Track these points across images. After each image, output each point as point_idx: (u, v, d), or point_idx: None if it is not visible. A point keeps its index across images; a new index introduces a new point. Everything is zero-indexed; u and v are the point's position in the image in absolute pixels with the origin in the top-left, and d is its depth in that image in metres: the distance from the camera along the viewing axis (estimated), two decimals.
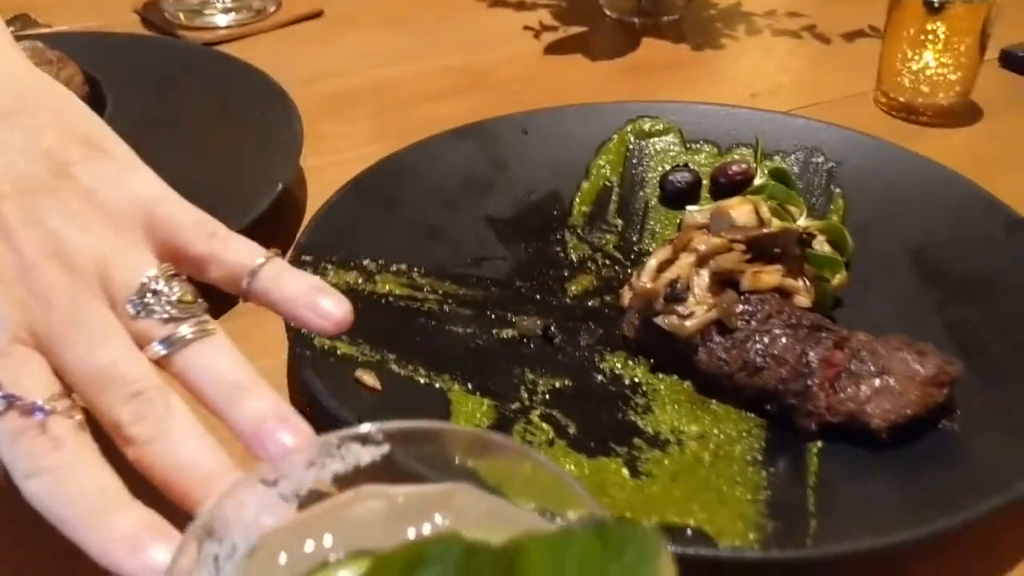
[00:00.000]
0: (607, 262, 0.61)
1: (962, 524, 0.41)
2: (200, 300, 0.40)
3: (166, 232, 0.41)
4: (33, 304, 0.38)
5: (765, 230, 0.54)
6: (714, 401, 0.50)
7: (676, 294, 0.51)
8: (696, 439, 0.48)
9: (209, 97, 0.74)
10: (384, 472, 0.33)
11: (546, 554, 0.25)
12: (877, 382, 0.47)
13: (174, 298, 0.39)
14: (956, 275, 0.58)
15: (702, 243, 0.53)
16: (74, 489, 0.35)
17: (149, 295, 0.39)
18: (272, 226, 0.64)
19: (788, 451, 0.47)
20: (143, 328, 0.39)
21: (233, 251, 0.41)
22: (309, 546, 0.31)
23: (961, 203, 0.62)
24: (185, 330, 0.39)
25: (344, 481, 0.33)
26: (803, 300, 0.53)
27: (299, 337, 0.51)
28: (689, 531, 0.42)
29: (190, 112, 0.72)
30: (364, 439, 0.32)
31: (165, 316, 0.39)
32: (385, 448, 0.32)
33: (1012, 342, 0.52)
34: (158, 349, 0.39)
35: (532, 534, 0.26)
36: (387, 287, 0.57)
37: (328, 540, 0.31)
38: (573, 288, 0.59)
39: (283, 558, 0.31)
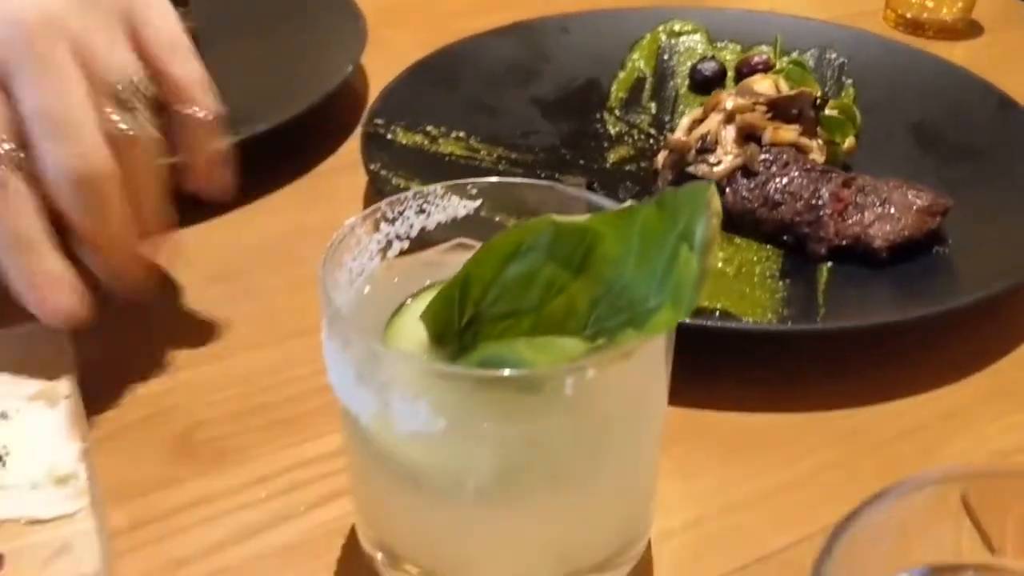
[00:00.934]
0: (642, 136, 0.69)
1: (946, 311, 0.49)
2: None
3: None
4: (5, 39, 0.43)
5: (784, 92, 0.61)
6: (737, 237, 0.58)
7: (706, 146, 0.59)
8: (721, 261, 0.55)
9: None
10: (477, 226, 0.40)
11: (615, 229, 0.33)
12: (879, 210, 0.55)
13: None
14: (951, 144, 0.65)
15: (729, 103, 0.60)
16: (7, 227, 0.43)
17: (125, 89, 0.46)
18: (340, 105, 0.72)
19: (802, 270, 0.55)
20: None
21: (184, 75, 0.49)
22: (410, 285, 0.39)
23: (958, 88, 0.70)
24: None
25: (444, 231, 0.40)
26: (817, 157, 0.61)
27: (379, 194, 0.58)
28: (717, 312, 0.50)
29: (267, 13, 0.80)
30: (463, 192, 0.40)
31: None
32: (479, 202, 0.40)
33: (997, 193, 0.60)
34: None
35: (602, 213, 0.33)
36: (448, 149, 0.65)
37: (426, 281, 0.39)
38: (612, 156, 0.67)
39: (389, 289, 0.39)
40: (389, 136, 0.64)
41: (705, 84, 0.73)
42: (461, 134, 0.66)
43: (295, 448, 0.46)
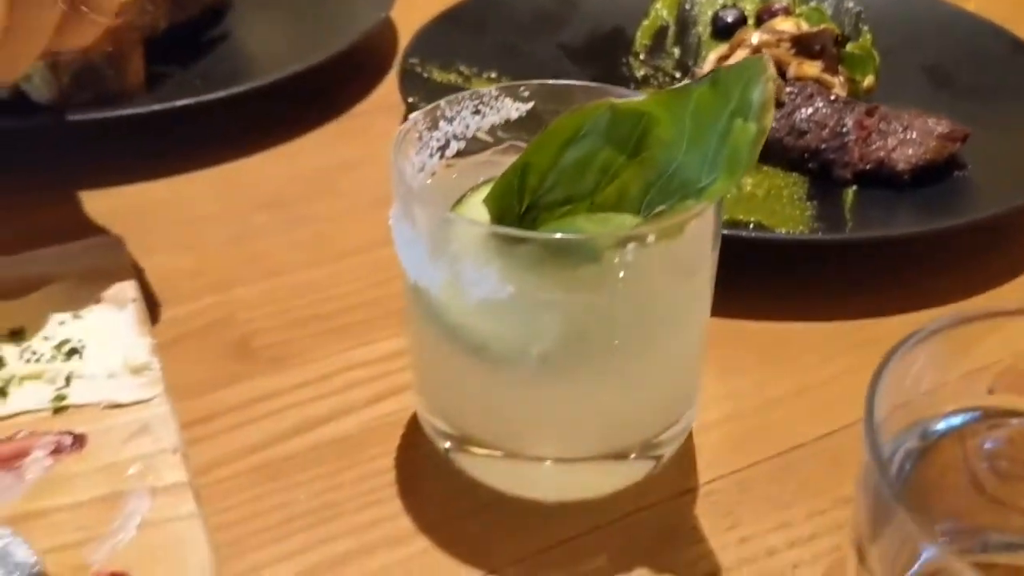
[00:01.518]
0: (667, 79, 0.71)
1: (968, 223, 0.51)
2: None
3: None
4: None
5: (806, 29, 0.63)
6: (765, 166, 0.60)
7: None
8: (750, 185, 0.58)
9: None
10: (529, 128, 0.42)
11: (669, 111, 0.35)
12: (902, 136, 0.57)
13: None
14: (964, 85, 0.68)
15: (755, 38, 0.62)
16: None
17: None
18: (372, 52, 0.75)
19: (828, 193, 0.57)
20: None
21: None
22: (466, 182, 0.41)
23: (972, 32, 0.72)
24: None
25: (498, 133, 0.43)
26: (839, 92, 0.63)
27: None
28: (752, 225, 0.52)
29: None
30: (516, 94, 0.42)
31: None
32: (531, 104, 0.42)
33: (1010, 126, 0.62)
34: None
35: (658, 93, 0.36)
36: (481, 87, 0.67)
37: (481, 179, 0.41)
38: None
39: (448, 185, 0.41)
40: (424, 75, 0.66)
41: (727, 30, 0.75)
42: (493, 74, 0.68)
43: (348, 353, 0.49)
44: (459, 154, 0.42)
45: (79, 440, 0.40)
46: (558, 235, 0.35)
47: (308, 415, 0.45)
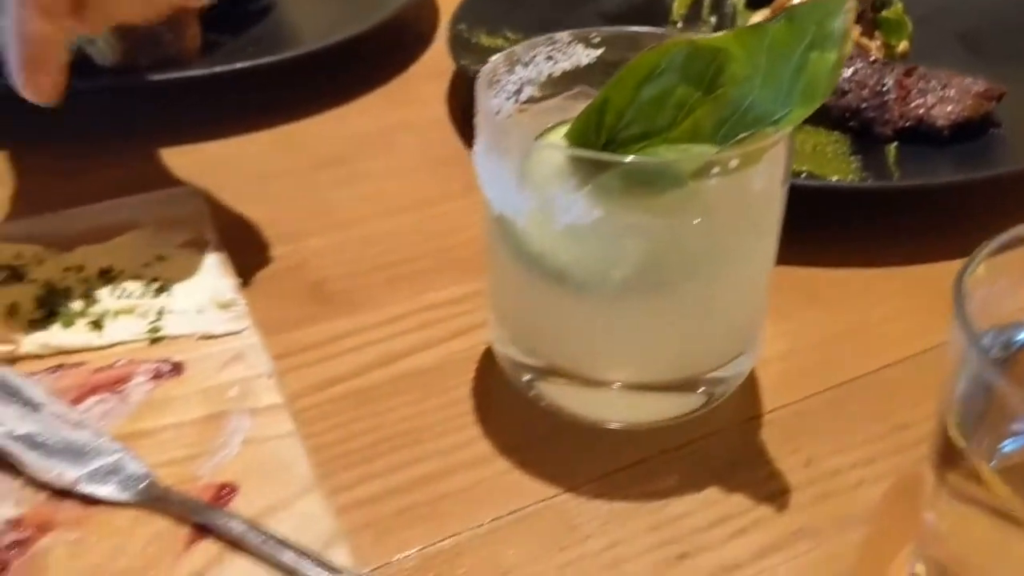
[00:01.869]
0: None
1: (1009, 173, 0.54)
2: None
3: None
4: None
5: None
6: (807, 125, 0.62)
7: None
8: (796, 142, 0.60)
9: None
10: (598, 75, 0.44)
11: (744, 48, 0.37)
12: (940, 94, 0.59)
13: None
14: (997, 51, 0.69)
15: (794, 3, 0.64)
16: None
17: None
18: (416, 21, 0.77)
19: (870, 149, 0.59)
20: None
21: None
22: (541, 125, 0.43)
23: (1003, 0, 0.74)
24: None
25: (568, 79, 0.45)
26: (876, 56, 0.65)
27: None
28: (804, 174, 0.54)
29: None
30: (587, 40, 0.44)
31: None
32: (601, 50, 0.45)
33: None
34: None
35: (734, 30, 0.38)
36: None
37: (551, 123, 0.43)
38: None
39: (523, 127, 0.43)
40: (473, 40, 0.68)
41: (760, 1, 0.77)
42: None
43: (418, 297, 0.51)
44: (531, 100, 0.44)
45: (177, 367, 0.42)
46: (646, 159, 0.37)
47: (385, 351, 0.47)
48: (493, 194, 0.40)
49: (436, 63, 0.73)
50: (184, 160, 0.61)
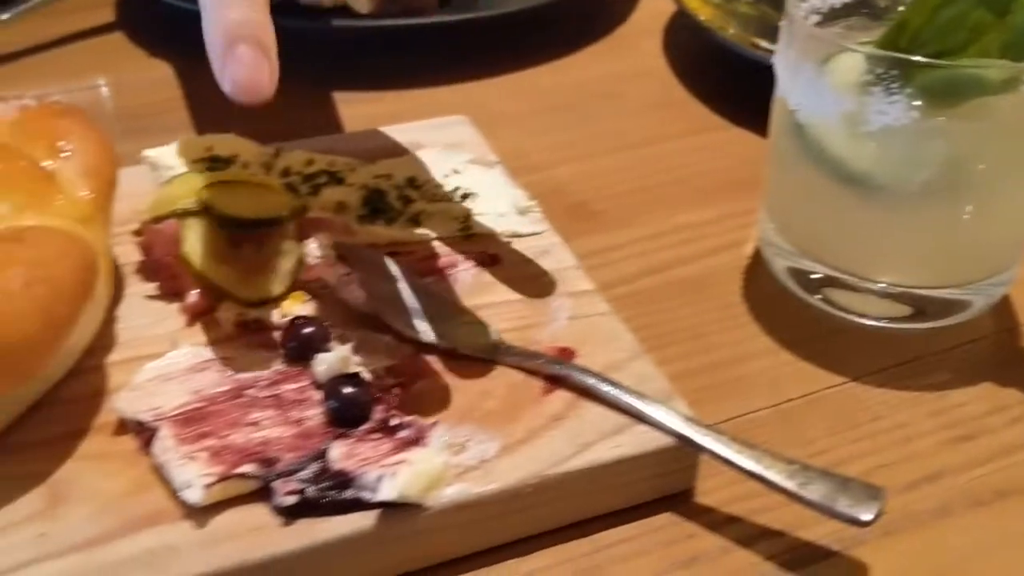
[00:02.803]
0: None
1: None
2: None
3: None
4: None
5: None
6: None
7: None
8: None
9: None
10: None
11: None
12: None
13: None
14: None
15: None
16: None
17: None
18: None
19: None
20: None
21: None
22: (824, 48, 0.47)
23: None
24: None
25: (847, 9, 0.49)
26: None
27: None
28: None
29: None
30: None
31: None
32: None
33: None
34: None
35: None
36: (742, 10, 0.73)
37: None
38: None
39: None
40: None
41: None
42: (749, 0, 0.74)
43: (672, 217, 0.56)
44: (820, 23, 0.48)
45: (493, 257, 0.47)
46: (968, 63, 0.41)
47: (653, 262, 0.52)
48: (797, 99, 0.44)
49: (646, 21, 0.78)
50: (424, 101, 0.67)
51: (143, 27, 0.77)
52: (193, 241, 0.43)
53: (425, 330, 0.42)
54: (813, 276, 0.48)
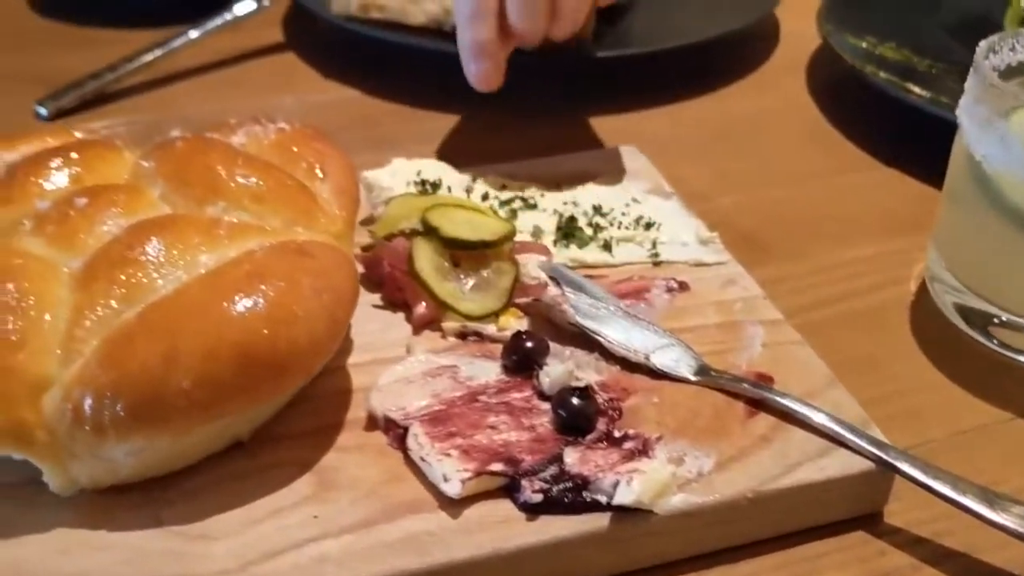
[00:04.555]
0: None
1: None
2: None
3: None
4: None
5: None
6: None
7: None
8: None
9: None
10: None
11: None
12: None
13: None
14: None
15: None
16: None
17: None
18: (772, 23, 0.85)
19: None
20: None
21: None
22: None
23: None
24: None
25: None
26: None
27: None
28: None
29: None
30: None
31: None
32: None
33: None
34: None
35: None
36: (888, 54, 0.76)
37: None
38: None
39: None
40: (843, 38, 0.76)
41: None
42: (893, 44, 0.77)
43: (838, 251, 0.59)
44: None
45: (683, 285, 0.51)
46: None
47: (822, 295, 0.55)
48: (983, 150, 0.47)
49: (786, 59, 0.82)
50: (594, 128, 0.71)
51: (314, 48, 0.82)
52: (422, 259, 0.47)
53: (634, 349, 0.46)
54: (982, 314, 0.51)
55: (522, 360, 0.45)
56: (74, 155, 0.44)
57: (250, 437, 0.41)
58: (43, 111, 0.70)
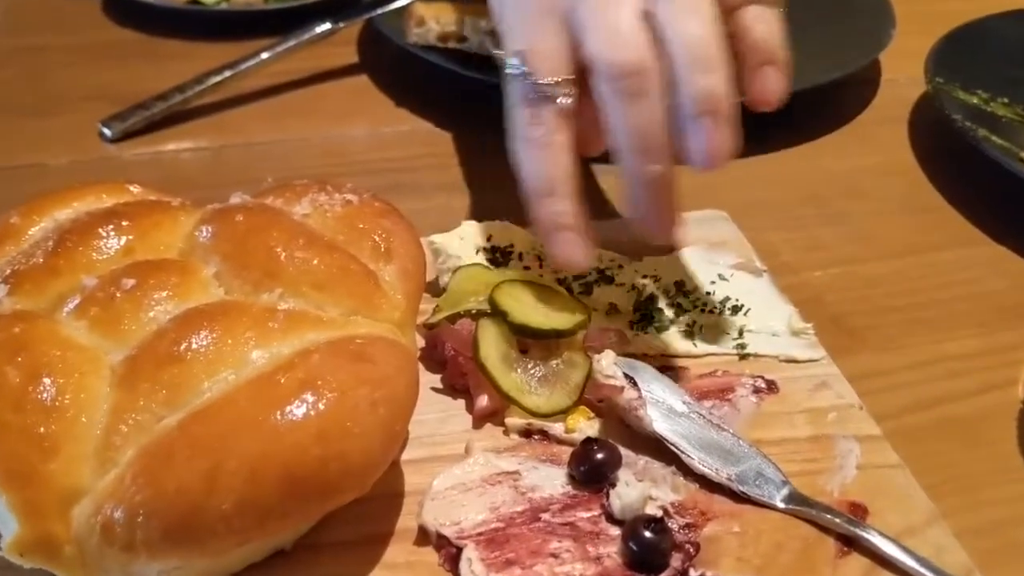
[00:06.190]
0: None
1: None
2: None
3: None
4: None
5: None
6: None
7: None
8: None
9: None
10: None
11: None
12: None
13: None
14: None
15: None
16: (532, 164, 0.46)
17: None
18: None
19: None
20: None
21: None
22: None
23: None
24: None
25: None
26: None
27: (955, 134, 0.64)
28: None
29: None
30: None
31: None
32: None
33: None
34: None
35: None
36: (1000, 111, 0.70)
37: None
38: None
39: None
40: (951, 93, 0.70)
41: None
42: (1005, 100, 0.71)
43: (938, 344, 0.54)
44: None
45: (771, 385, 0.47)
46: None
47: (919, 395, 0.50)
48: None
49: (885, 109, 0.76)
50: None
51: (389, 70, 0.79)
52: (488, 345, 0.44)
53: (716, 468, 0.42)
54: None
55: (591, 472, 0.41)
56: (126, 223, 0.41)
57: (293, 546, 0.38)
58: (108, 132, 0.68)
